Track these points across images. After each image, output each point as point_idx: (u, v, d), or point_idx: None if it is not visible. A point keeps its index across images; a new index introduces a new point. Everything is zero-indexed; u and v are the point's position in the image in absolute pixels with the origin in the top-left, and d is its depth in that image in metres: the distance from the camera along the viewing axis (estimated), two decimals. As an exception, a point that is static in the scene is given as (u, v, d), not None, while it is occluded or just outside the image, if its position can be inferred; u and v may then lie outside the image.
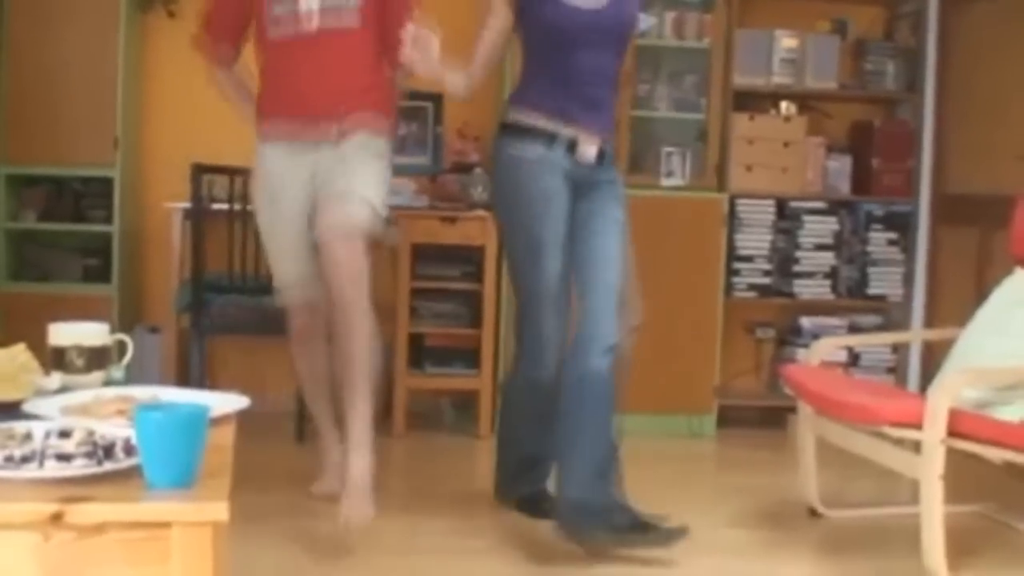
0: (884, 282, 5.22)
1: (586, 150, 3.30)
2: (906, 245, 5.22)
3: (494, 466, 3.63)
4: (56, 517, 1.48)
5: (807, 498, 3.74)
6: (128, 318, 4.83)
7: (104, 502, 1.51)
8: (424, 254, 4.78)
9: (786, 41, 5.11)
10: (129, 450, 1.66)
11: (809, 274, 5.18)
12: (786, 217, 5.15)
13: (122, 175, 4.78)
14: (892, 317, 5.28)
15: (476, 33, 3.35)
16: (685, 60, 5.10)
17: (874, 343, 5.14)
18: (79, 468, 1.59)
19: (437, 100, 5.00)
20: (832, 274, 5.20)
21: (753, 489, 4.08)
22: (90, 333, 2.24)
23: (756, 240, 5.11)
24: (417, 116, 5.00)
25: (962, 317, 3.67)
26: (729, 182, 5.04)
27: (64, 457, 1.62)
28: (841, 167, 5.23)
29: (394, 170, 3.69)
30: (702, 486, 4.26)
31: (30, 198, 4.86)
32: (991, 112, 4.84)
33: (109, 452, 1.65)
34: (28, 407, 1.95)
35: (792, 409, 3.99)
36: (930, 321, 5.13)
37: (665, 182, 4.94)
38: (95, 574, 1.51)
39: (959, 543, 3.12)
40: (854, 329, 5.21)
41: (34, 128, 4.70)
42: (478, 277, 4.79)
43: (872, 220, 5.20)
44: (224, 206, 4.29)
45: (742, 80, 5.06)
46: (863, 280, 5.21)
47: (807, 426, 3.68)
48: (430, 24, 3.10)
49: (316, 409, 3.81)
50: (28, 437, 1.71)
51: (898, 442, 3.21)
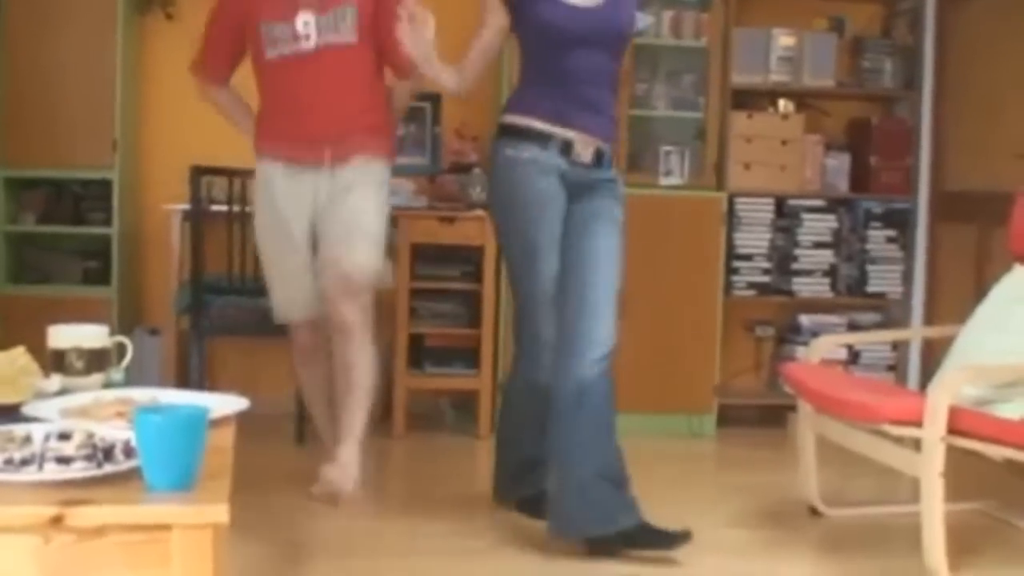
0: (883, 280, 5.21)
1: (581, 151, 3.29)
2: (905, 242, 5.21)
3: (493, 467, 3.62)
4: (56, 520, 1.48)
5: (807, 497, 3.74)
6: (128, 320, 4.83)
7: (104, 505, 1.51)
8: (423, 254, 4.78)
9: (783, 39, 5.11)
10: (129, 452, 1.66)
11: (808, 272, 5.17)
12: (785, 215, 5.15)
13: (121, 177, 4.78)
14: (891, 315, 5.28)
15: (474, 33, 3.35)
16: (683, 59, 5.09)
17: (874, 341, 5.13)
18: (79, 471, 1.59)
19: (435, 100, 5.00)
20: (831, 272, 5.19)
21: (753, 488, 4.08)
22: (90, 335, 2.24)
23: (755, 238, 5.11)
24: (415, 116, 4.99)
25: (962, 314, 3.67)
26: (728, 181, 5.04)
27: (64, 460, 1.62)
28: (839, 165, 5.22)
29: (393, 171, 3.70)
30: (702, 485, 4.25)
31: (29, 201, 4.86)
32: (989, 109, 4.84)
33: (109, 454, 1.65)
34: (28, 409, 1.95)
35: (792, 407, 3.99)
36: (930, 318, 5.13)
37: (664, 181, 4.93)
38: (95, 577, 1.52)
39: (960, 541, 3.12)
40: (853, 327, 5.21)
41: (33, 131, 4.70)
42: (477, 277, 4.79)
43: (871, 218, 5.19)
44: (223, 207, 4.28)
45: (740, 78, 5.05)
46: (862, 278, 5.21)
47: (807, 424, 3.67)
48: (424, 10, 3.11)
49: (320, 422, 3.87)
50: (28, 440, 1.71)
51: (898, 440, 3.21)
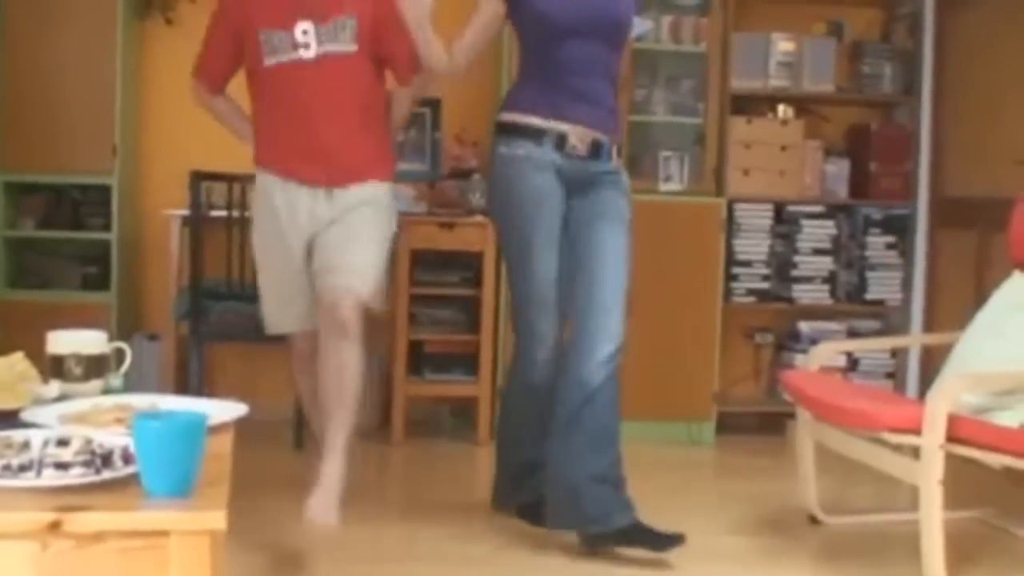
0: (883, 286, 5.21)
1: (576, 143, 3.29)
2: (904, 249, 5.21)
3: (494, 473, 3.62)
4: (54, 526, 1.48)
5: (807, 504, 3.73)
6: (127, 326, 4.83)
7: (102, 511, 1.51)
8: (423, 260, 4.78)
9: (783, 44, 5.11)
10: (127, 458, 1.66)
11: (808, 279, 5.16)
12: (784, 221, 5.14)
13: (120, 182, 4.78)
14: (891, 321, 5.28)
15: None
16: (682, 64, 5.10)
17: (873, 348, 5.13)
18: (77, 477, 1.59)
19: (435, 106, 5.00)
20: (831, 279, 5.19)
21: (753, 496, 4.07)
22: (88, 341, 2.24)
23: (754, 245, 5.10)
24: (415, 122, 4.98)
25: (961, 321, 3.66)
26: (727, 186, 5.03)
27: (62, 466, 1.62)
28: (839, 171, 5.21)
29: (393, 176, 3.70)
30: (701, 493, 4.25)
31: (29, 206, 4.86)
32: (989, 114, 4.84)
33: (107, 460, 1.65)
34: (26, 415, 1.95)
35: (791, 415, 3.98)
36: (929, 325, 5.12)
37: (663, 187, 4.93)
38: (93, 583, 1.51)
39: (958, 549, 3.12)
40: (853, 334, 5.21)
41: (32, 136, 4.70)
42: (477, 283, 4.79)
43: (870, 224, 5.19)
44: (223, 213, 4.28)
45: (739, 84, 5.05)
46: (862, 284, 5.20)
47: (806, 432, 3.67)
48: None
49: (318, 428, 3.84)
50: (26, 446, 1.71)
51: (897, 448, 3.21)
